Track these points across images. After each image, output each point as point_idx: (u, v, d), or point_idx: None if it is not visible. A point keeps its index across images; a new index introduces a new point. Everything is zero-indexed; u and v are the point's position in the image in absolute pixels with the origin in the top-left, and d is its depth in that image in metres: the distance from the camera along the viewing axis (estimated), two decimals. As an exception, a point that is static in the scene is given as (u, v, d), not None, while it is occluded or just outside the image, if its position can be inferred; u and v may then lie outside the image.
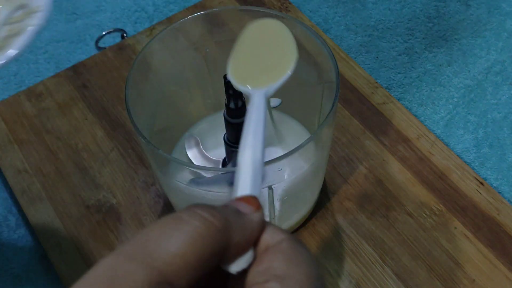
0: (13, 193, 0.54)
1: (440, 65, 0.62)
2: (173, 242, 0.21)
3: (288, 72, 0.36)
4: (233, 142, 0.44)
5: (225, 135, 0.45)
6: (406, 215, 0.50)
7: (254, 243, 0.24)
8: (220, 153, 0.50)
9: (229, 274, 0.24)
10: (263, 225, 0.25)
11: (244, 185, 0.27)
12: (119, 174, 0.54)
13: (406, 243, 0.48)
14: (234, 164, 0.46)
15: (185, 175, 0.46)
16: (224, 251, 0.23)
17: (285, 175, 0.42)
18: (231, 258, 0.24)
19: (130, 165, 0.54)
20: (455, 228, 0.49)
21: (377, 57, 0.62)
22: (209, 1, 0.66)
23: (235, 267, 0.24)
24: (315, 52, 0.45)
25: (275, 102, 0.51)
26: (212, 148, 0.51)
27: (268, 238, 0.24)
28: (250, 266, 0.24)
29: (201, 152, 0.50)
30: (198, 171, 0.46)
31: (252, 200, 0.25)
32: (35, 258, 0.51)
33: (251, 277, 0.23)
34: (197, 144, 0.51)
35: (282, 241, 0.24)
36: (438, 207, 0.50)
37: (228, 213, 0.24)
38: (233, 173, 0.42)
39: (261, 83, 0.36)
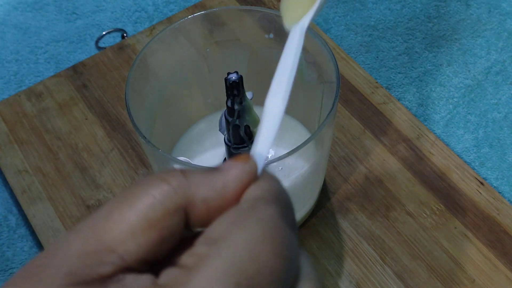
0: (13, 193, 0.54)
1: (440, 65, 0.62)
2: (119, 210, 0.20)
3: (316, 3, 0.33)
4: (233, 142, 0.44)
5: (225, 135, 0.45)
6: (406, 215, 0.50)
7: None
8: (220, 153, 0.50)
9: None
10: (250, 178, 0.21)
11: (257, 139, 0.24)
12: (119, 174, 0.54)
13: (406, 243, 0.48)
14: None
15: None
16: (187, 210, 0.20)
17: (285, 175, 0.42)
18: (208, 218, 0.21)
19: (130, 165, 0.54)
20: (455, 228, 0.49)
21: (377, 57, 0.62)
22: (209, 1, 0.66)
23: None
24: (315, 52, 0.45)
25: (248, 95, 0.50)
26: (212, 148, 0.51)
27: (248, 192, 0.21)
28: None
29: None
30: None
31: (241, 157, 0.22)
32: (35, 258, 0.51)
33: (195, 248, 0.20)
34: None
35: (259, 197, 0.20)
36: (438, 207, 0.50)
37: (192, 171, 0.21)
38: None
39: (297, 17, 0.32)
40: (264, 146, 0.23)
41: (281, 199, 0.21)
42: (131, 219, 0.19)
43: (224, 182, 0.21)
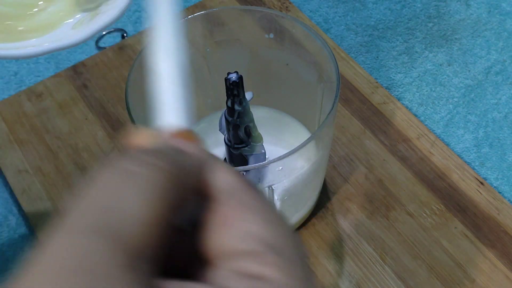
0: (13, 193, 0.54)
1: (440, 64, 0.62)
2: (132, 204, 0.17)
3: None
4: (233, 142, 0.44)
5: (225, 135, 0.45)
6: (406, 215, 0.50)
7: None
8: (220, 153, 0.50)
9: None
10: (207, 163, 0.20)
11: (169, 108, 0.21)
12: (119, 174, 0.54)
13: (406, 243, 0.48)
14: (233, 165, 0.46)
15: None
16: (181, 201, 0.18)
17: (285, 175, 0.42)
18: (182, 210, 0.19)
19: (130, 165, 0.54)
20: (455, 228, 0.49)
21: (377, 57, 0.62)
22: (209, 1, 0.66)
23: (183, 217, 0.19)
24: (315, 52, 0.45)
25: (248, 95, 0.50)
26: (212, 148, 0.51)
27: (217, 180, 0.20)
28: (204, 216, 0.19)
29: None
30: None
31: (189, 134, 0.21)
32: (35, 258, 0.51)
33: (227, 240, 0.18)
34: None
35: (236, 187, 0.19)
36: (438, 207, 0.50)
37: (173, 154, 0.19)
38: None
39: None
40: (185, 117, 0.21)
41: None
42: (151, 218, 0.17)
43: (199, 170, 0.19)
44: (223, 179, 0.20)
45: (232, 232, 0.18)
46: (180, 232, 0.19)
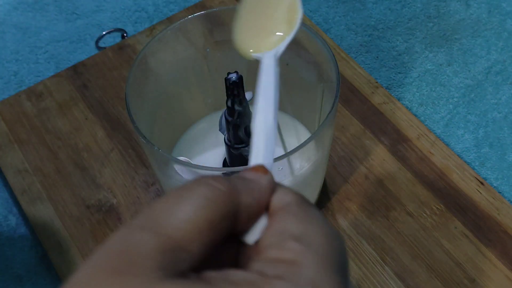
0: (13, 193, 0.54)
1: (440, 64, 0.62)
2: (182, 209, 0.21)
3: (294, 30, 0.37)
4: (233, 142, 0.44)
5: (226, 135, 0.45)
6: (406, 215, 0.50)
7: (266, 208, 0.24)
8: (220, 153, 0.50)
9: (240, 243, 0.24)
10: (272, 188, 0.24)
11: (257, 154, 0.27)
12: (119, 174, 0.54)
13: (407, 243, 0.48)
14: (233, 165, 0.46)
15: (185, 175, 0.46)
16: (235, 215, 0.23)
17: (285, 175, 0.42)
18: (245, 224, 0.23)
19: (130, 165, 0.54)
20: (455, 228, 0.49)
21: (377, 57, 0.62)
22: (209, 1, 0.66)
23: (252, 237, 0.23)
24: (315, 52, 0.45)
25: (248, 95, 0.50)
26: (212, 148, 0.51)
27: (276, 200, 0.24)
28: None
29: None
30: (198, 171, 0.46)
31: (259, 168, 0.25)
32: (35, 258, 0.51)
33: (264, 239, 0.23)
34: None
35: (290, 203, 0.24)
36: (438, 207, 0.50)
37: (233, 179, 0.24)
38: (233, 173, 0.42)
39: (269, 44, 0.36)
40: (269, 159, 0.26)
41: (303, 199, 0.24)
42: (197, 220, 0.21)
43: (260, 191, 0.24)
44: (281, 198, 0.24)
45: (270, 232, 0.22)
46: (239, 243, 0.24)
